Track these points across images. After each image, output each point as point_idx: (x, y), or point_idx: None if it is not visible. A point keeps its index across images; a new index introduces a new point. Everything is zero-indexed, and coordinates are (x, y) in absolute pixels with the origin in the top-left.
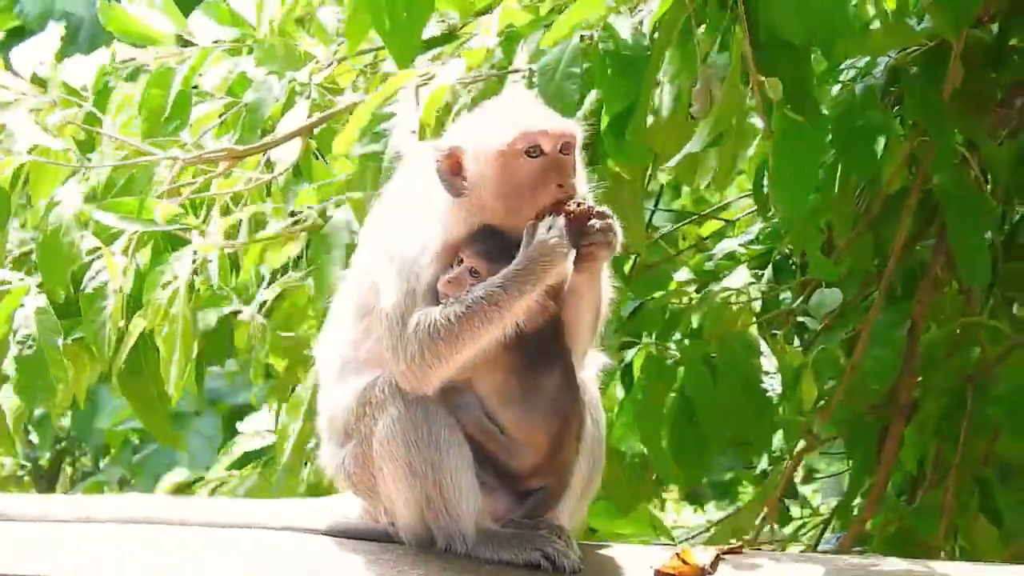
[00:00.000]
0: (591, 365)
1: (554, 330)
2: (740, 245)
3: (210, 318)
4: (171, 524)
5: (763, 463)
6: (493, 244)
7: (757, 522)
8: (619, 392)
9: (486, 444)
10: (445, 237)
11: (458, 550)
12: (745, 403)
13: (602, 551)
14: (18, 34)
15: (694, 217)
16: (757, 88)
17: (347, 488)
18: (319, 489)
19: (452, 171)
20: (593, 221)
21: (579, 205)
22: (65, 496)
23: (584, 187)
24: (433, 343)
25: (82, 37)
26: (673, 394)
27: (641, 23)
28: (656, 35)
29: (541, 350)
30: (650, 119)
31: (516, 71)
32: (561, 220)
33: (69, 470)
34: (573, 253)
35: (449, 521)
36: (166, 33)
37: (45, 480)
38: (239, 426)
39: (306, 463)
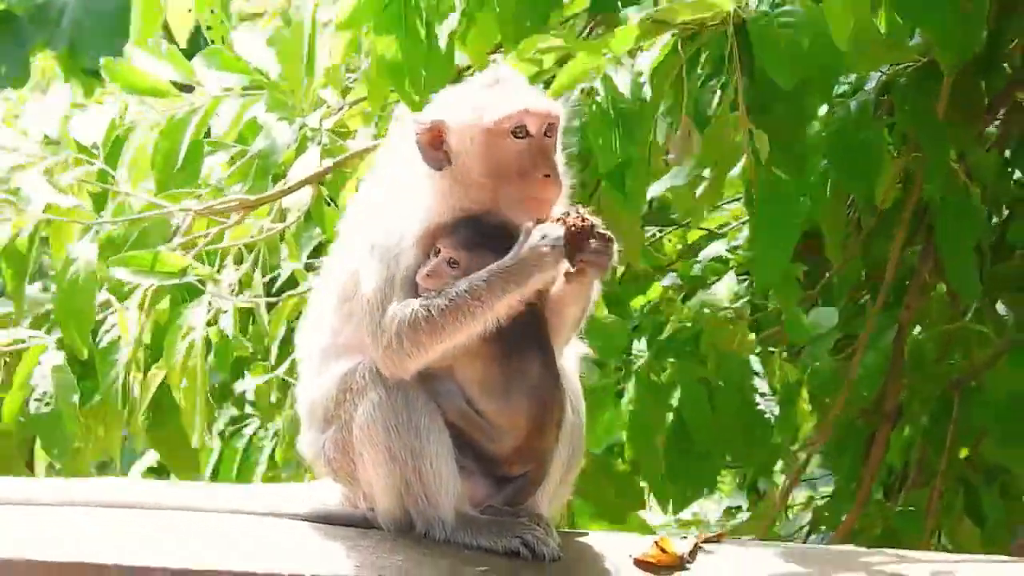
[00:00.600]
0: (571, 353)
1: (535, 318)
2: (727, 250)
3: (249, 383)
4: (147, 508)
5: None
6: (471, 233)
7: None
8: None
9: (466, 430)
10: (425, 222)
11: (437, 536)
12: (743, 426)
13: (581, 539)
14: (3, 20)
15: (680, 225)
16: (746, 136)
17: (326, 474)
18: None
19: (432, 144)
20: (592, 241)
21: (583, 221)
22: (45, 480)
23: (563, 167)
24: (413, 331)
25: (65, 20)
26: (669, 413)
27: (640, 74)
28: (653, 83)
29: (522, 338)
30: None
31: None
32: (560, 231)
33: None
34: (566, 264)
35: (428, 507)
36: (173, 83)
37: None
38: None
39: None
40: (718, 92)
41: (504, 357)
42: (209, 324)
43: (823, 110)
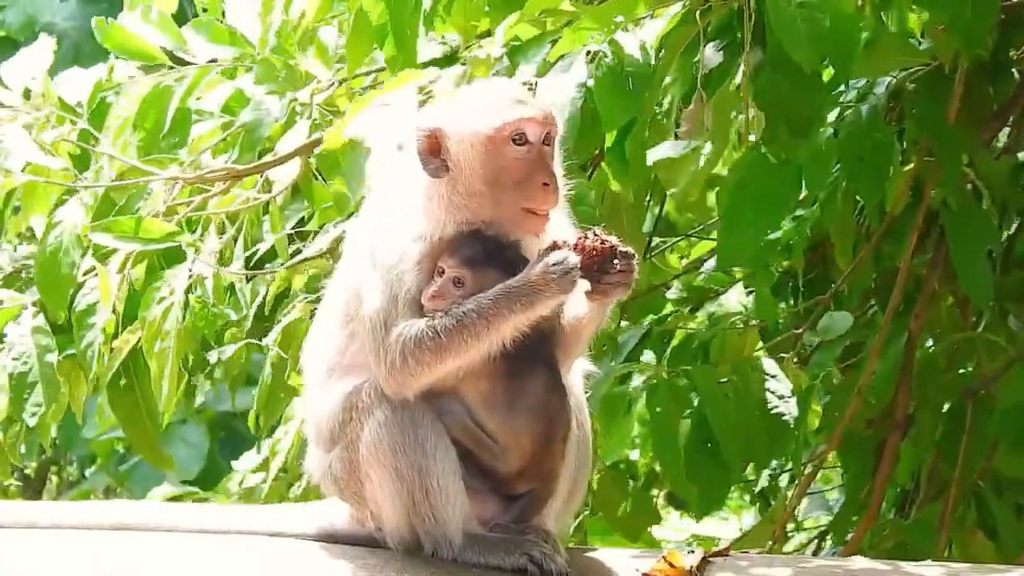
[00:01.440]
0: (577, 369)
1: (541, 335)
2: None
3: (228, 351)
4: (159, 531)
5: (761, 481)
6: (475, 250)
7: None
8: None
9: (473, 449)
10: (428, 239)
11: (445, 555)
12: (763, 428)
13: (588, 554)
14: (2, 46)
15: (684, 236)
16: (747, 111)
17: (334, 493)
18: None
19: (431, 151)
20: (616, 261)
21: (603, 242)
22: (47, 504)
23: (561, 177)
24: (418, 351)
25: (65, 46)
26: (687, 419)
27: (646, 43)
28: (662, 53)
29: (527, 356)
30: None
31: (521, 84)
32: (576, 259)
33: (55, 479)
34: (581, 288)
35: (436, 525)
36: (163, 50)
37: (31, 490)
38: (234, 464)
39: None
40: (720, 61)
41: (510, 375)
42: (187, 292)
43: (832, 116)
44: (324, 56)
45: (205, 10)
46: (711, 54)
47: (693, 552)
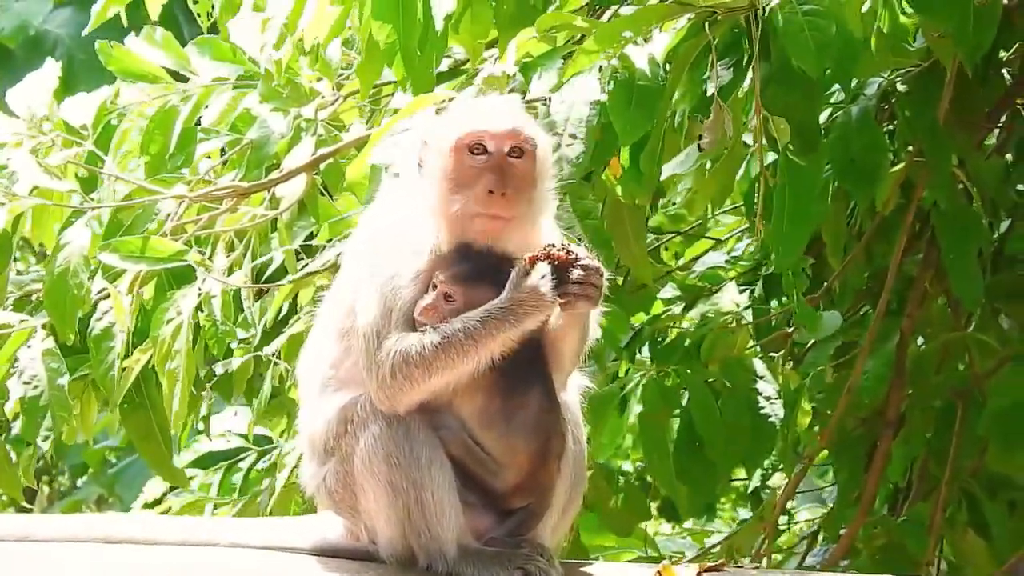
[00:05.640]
0: (572, 385)
1: (536, 350)
2: (726, 261)
3: (235, 363)
4: (147, 544)
5: (754, 481)
6: (467, 267)
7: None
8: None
9: (468, 463)
10: (424, 254)
11: (439, 569)
12: (749, 428)
13: (584, 568)
14: None
15: (677, 233)
16: (760, 123)
17: (328, 506)
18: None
19: (421, 160)
20: (574, 271)
21: (567, 253)
22: (43, 516)
23: (550, 202)
24: (407, 366)
25: (58, 54)
26: (676, 418)
27: (655, 57)
28: (669, 65)
29: (523, 371)
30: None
31: (534, 100)
32: (547, 269)
33: (47, 489)
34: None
35: (430, 539)
36: (167, 70)
37: (23, 499)
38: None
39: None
40: (729, 77)
41: (505, 390)
42: (197, 309)
43: (824, 116)
44: (328, 72)
45: (211, 31)
46: (720, 71)
47: (688, 566)
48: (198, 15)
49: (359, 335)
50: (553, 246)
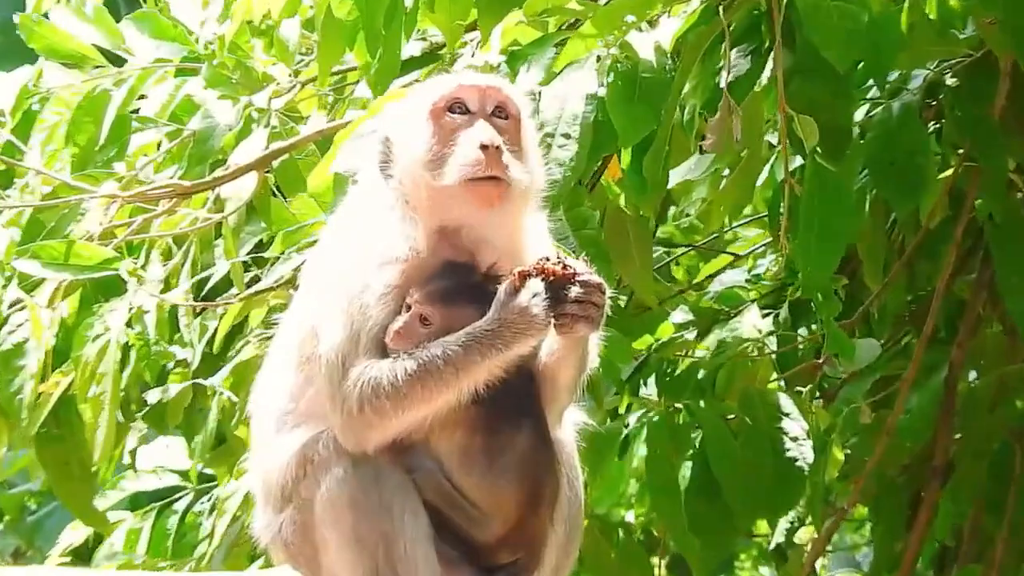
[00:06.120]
0: (568, 421)
1: (526, 381)
2: (747, 280)
3: (171, 390)
4: None
5: (777, 536)
6: (446, 283)
7: None
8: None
9: (446, 511)
10: (396, 262)
11: None
12: (773, 473)
13: None
14: None
15: (690, 248)
16: (784, 122)
17: (285, 561)
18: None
19: (385, 159)
20: (573, 288)
21: (564, 267)
22: None
23: (538, 172)
24: (376, 398)
25: None
26: (688, 461)
27: (661, 45)
28: (678, 54)
29: (510, 404)
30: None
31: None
32: (541, 286)
33: None
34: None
35: None
36: (98, 49)
37: None
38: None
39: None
40: (747, 67)
41: (490, 427)
42: (127, 326)
43: (859, 113)
44: (284, 55)
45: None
46: (735, 60)
47: None
48: None
49: (321, 362)
50: (547, 259)
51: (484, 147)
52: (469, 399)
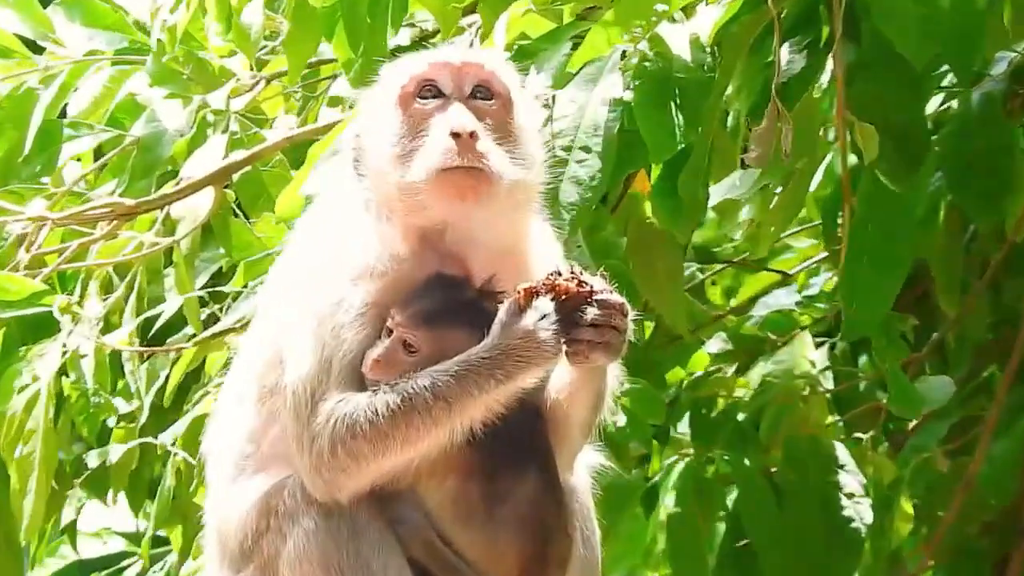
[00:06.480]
0: (581, 465)
1: (531, 417)
2: (797, 303)
3: (114, 451)
4: None
5: None
6: (433, 303)
7: None
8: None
9: (435, 571)
10: (373, 276)
11: None
12: (823, 537)
13: None
14: None
15: (728, 264)
16: (844, 129)
17: None
18: None
19: (355, 155)
20: (589, 309)
21: (579, 284)
22: None
23: (536, 162)
24: (352, 438)
25: None
26: (721, 523)
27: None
28: (720, 50)
29: (512, 446)
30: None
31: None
32: (550, 306)
33: None
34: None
35: None
36: (21, 39)
37: None
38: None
39: None
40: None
41: (487, 472)
42: (61, 373)
43: (931, 105)
44: (245, 44)
45: None
46: (787, 56)
47: None
48: None
49: (287, 395)
50: (558, 274)
51: (456, 135)
52: (463, 440)
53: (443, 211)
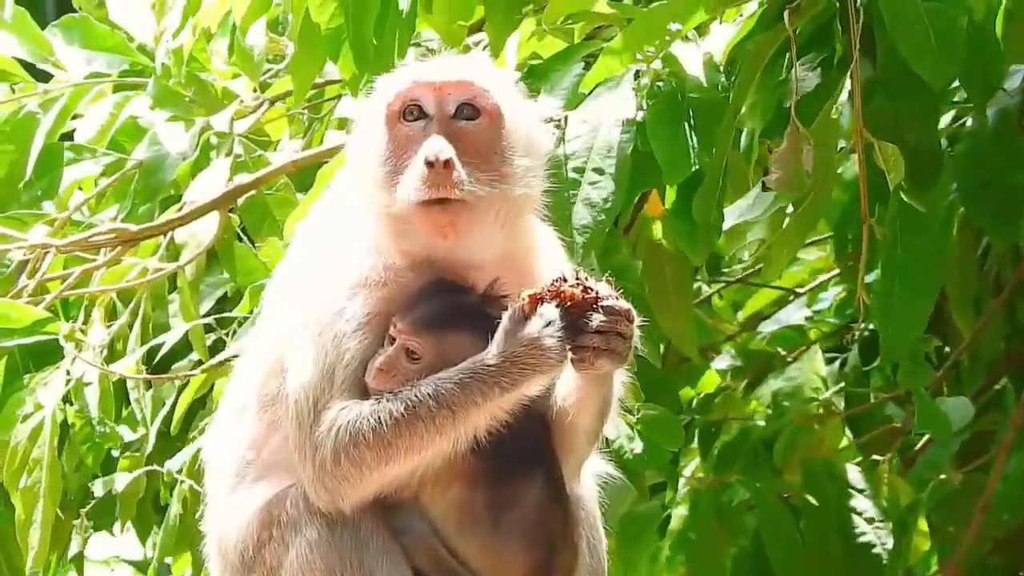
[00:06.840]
0: (588, 472)
1: (535, 425)
2: (807, 318)
3: (120, 480)
4: None
5: None
6: (436, 309)
7: None
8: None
9: None
10: (375, 284)
11: None
12: (843, 561)
13: None
14: None
15: (739, 280)
16: (862, 149)
17: None
18: None
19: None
20: (595, 316)
21: (585, 290)
22: None
23: (531, 175)
24: (355, 447)
25: None
26: (736, 549)
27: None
28: (735, 69)
29: (517, 454)
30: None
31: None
32: (555, 313)
33: None
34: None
35: None
36: (21, 63)
37: None
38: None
39: None
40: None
41: (492, 481)
42: (65, 401)
43: (944, 120)
44: (249, 66)
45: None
46: (803, 74)
47: None
48: None
49: (289, 404)
50: (564, 280)
51: (429, 163)
52: (468, 448)
53: (428, 244)
